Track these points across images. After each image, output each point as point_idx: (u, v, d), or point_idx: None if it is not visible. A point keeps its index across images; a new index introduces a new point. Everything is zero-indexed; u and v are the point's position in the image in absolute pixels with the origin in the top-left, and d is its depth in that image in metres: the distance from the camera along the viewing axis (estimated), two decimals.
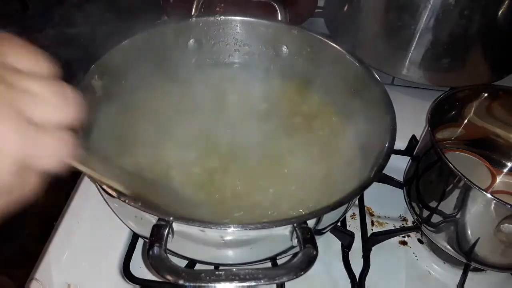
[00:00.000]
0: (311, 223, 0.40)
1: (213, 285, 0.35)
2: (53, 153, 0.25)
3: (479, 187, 0.45)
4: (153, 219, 0.38)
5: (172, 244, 0.39)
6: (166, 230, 0.37)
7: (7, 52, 0.24)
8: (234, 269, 0.36)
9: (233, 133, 0.58)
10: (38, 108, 0.24)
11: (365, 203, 0.60)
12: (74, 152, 0.26)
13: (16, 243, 0.61)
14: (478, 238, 0.49)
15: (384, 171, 0.45)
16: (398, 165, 0.62)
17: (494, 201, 0.44)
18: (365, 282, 0.51)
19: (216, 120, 0.60)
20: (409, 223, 0.61)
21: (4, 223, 0.25)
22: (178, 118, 0.59)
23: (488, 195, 0.45)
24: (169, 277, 0.34)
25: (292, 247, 0.43)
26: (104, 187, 0.38)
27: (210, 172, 0.53)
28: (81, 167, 0.30)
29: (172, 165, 0.53)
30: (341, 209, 0.43)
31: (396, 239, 0.59)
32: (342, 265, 0.53)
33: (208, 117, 0.60)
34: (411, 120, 0.63)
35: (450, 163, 0.48)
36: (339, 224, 0.56)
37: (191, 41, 0.65)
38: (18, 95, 0.23)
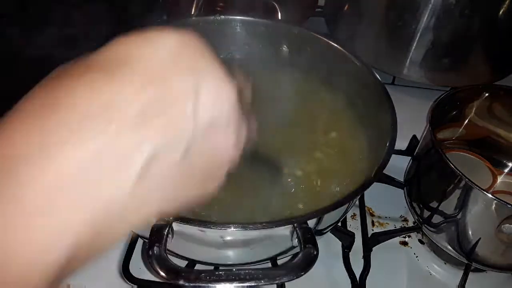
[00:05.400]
0: (311, 223, 0.40)
1: (213, 285, 0.35)
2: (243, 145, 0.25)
3: (480, 187, 0.45)
4: (152, 219, 0.38)
5: (172, 244, 0.38)
6: (166, 230, 0.37)
7: None
8: (234, 269, 0.36)
9: None
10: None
11: (366, 203, 0.60)
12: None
13: None
14: (479, 239, 0.49)
15: (385, 171, 0.45)
16: (398, 165, 0.62)
17: (495, 201, 0.44)
18: (366, 283, 0.51)
19: None
20: (410, 224, 0.61)
21: None
22: None
23: (489, 195, 0.45)
24: (168, 278, 0.34)
25: (293, 247, 0.43)
26: None
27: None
28: None
29: None
30: (342, 209, 0.43)
31: (397, 239, 0.59)
32: (343, 266, 0.53)
33: None
34: (412, 120, 0.63)
35: (451, 163, 0.48)
36: (339, 224, 0.56)
37: None
38: None
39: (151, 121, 0.19)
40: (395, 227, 0.60)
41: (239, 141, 0.24)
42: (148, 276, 0.49)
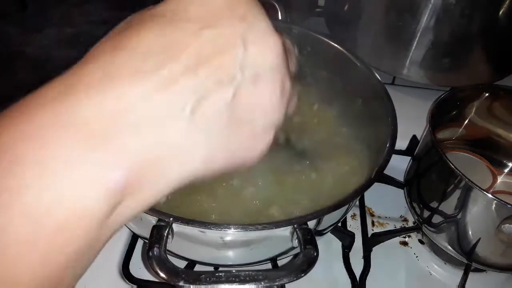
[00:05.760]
0: (311, 224, 0.40)
1: (212, 286, 0.35)
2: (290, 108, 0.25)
3: (480, 187, 0.45)
4: (153, 220, 0.38)
5: (172, 245, 0.38)
6: (166, 231, 0.37)
7: None
8: (234, 271, 0.36)
9: None
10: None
11: (366, 204, 0.60)
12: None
13: None
14: (479, 239, 0.49)
15: (385, 171, 0.45)
16: (398, 165, 0.62)
17: (495, 201, 0.44)
18: (366, 283, 0.51)
19: None
20: (410, 224, 0.61)
21: None
22: None
23: (489, 195, 0.45)
24: (168, 278, 0.34)
25: (293, 248, 0.43)
26: None
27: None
28: None
29: None
30: (342, 209, 0.43)
31: (397, 239, 0.59)
32: (343, 266, 0.53)
33: None
34: (412, 120, 0.63)
35: (451, 163, 0.48)
36: (339, 224, 0.56)
37: None
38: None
39: (204, 63, 0.20)
40: (395, 227, 0.60)
41: (285, 98, 0.23)
42: (148, 276, 0.49)
